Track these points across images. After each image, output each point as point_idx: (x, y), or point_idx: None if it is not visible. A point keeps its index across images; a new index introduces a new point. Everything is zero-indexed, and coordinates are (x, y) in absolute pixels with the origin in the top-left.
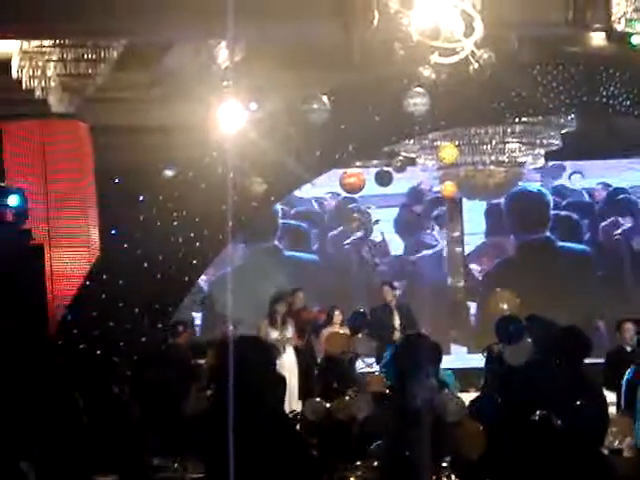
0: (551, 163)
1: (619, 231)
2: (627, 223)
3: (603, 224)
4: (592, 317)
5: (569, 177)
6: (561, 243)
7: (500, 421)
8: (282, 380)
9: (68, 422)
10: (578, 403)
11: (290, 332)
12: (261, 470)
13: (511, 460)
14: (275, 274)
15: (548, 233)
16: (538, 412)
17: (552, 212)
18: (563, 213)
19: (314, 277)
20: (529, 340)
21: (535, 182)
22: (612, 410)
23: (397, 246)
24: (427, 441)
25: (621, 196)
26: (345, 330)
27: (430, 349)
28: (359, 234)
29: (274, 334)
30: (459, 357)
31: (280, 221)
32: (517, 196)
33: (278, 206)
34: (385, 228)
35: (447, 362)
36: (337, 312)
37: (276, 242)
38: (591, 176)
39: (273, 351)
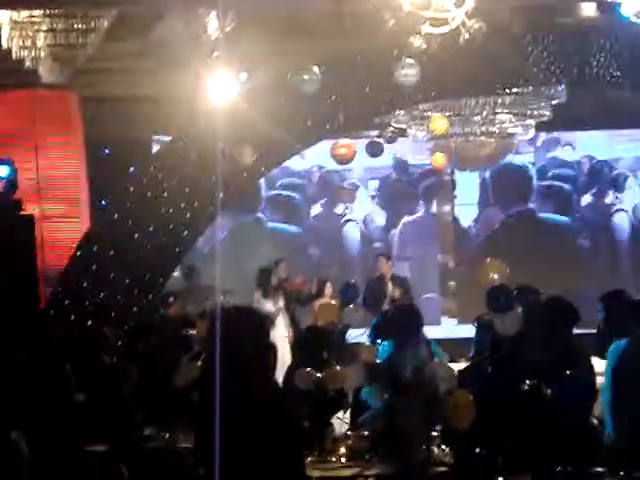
0: (543, 136)
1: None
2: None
3: (586, 195)
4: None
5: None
6: (543, 215)
7: (490, 390)
8: (273, 348)
9: (58, 392)
10: (568, 373)
11: (281, 303)
12: (252, 440)
13: (501, 429)
14: (260, 246)
15: (531, 205)
16: (528, 381)
17: (545, 183)
18: (556, 184)
19: (300, 249)
20: (519, 310)
21: (529, 154)
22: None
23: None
24: (417, 410)
25: (603, 168)
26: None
27: (409, 317)
28: (349, 206)
29: (268, 305)
30: (449, 328)
31: (266, 193)
32: (499, 170)
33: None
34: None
35: (437, 333)
36: (328, 284)
37: (260, 214)
38: (581, 148)
39: (267, 320)
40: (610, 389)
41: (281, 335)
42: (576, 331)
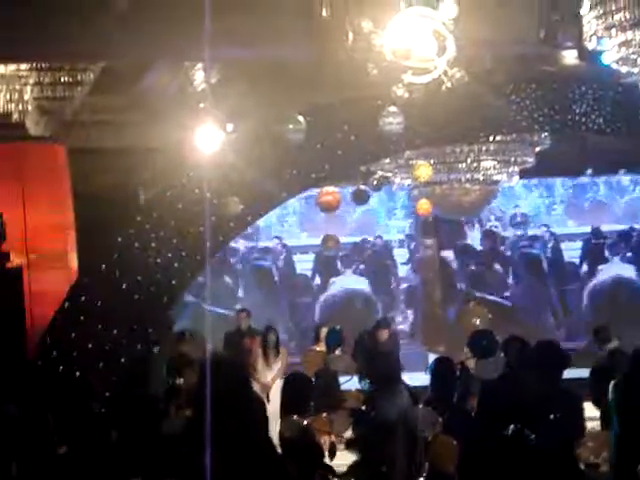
0: None
1: None
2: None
3: None
4: None
5: None
6: None
7: (473, 436)
8: (258, 400)
9: (41, 444)
10: (552, 417)
11: (279, 365)
12: None
13: (485, 474)
14: None
15: None
16: (512, 426)
17: None
18: None
19: None
20: (502, 355)
21: None
22: (595, 425)
23: None
24: (403, 456)
25: None
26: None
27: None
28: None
29: (260, 366)
30: None
31: None
32: None
33: None
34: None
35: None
36: (324, 329)
37: None
38: None
39: (244, 371)
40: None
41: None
42: None
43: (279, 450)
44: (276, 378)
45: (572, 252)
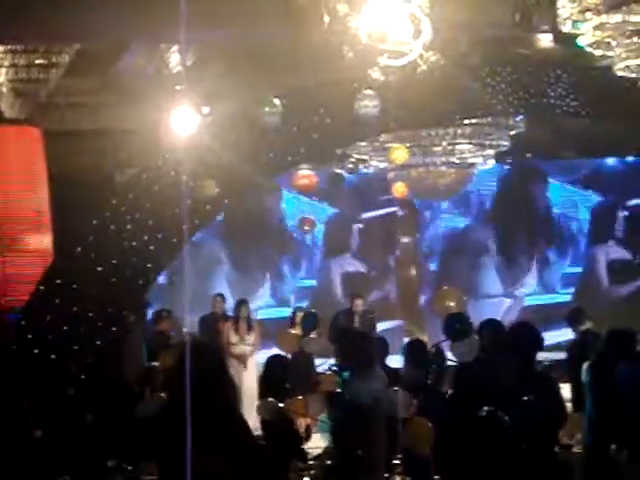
0: None
1: None
2: None
3: None
4: None
5: None
6: None
7: (448, 417)
8: (230, 381)
9: (17, 427)
10: (525, 399)
11: (252, 337)
12: (215, 471)
13: (459, 456)
14: None
15: None
16: (485, 408)
17: None
18: None
19: None
20: (476, 337)
21: None
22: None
23: None
24: (378, 439)
25: None
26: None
27: (373, 345)
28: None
29: (234, 338)
30: None
31: None
32: None
33: None
34: None
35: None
36: (299, 313)
37: None
38: None
39: (218, 354)
40: None
41: (250, 367)
42: None
43: (259, 433)
44: (251, 352)
45: None
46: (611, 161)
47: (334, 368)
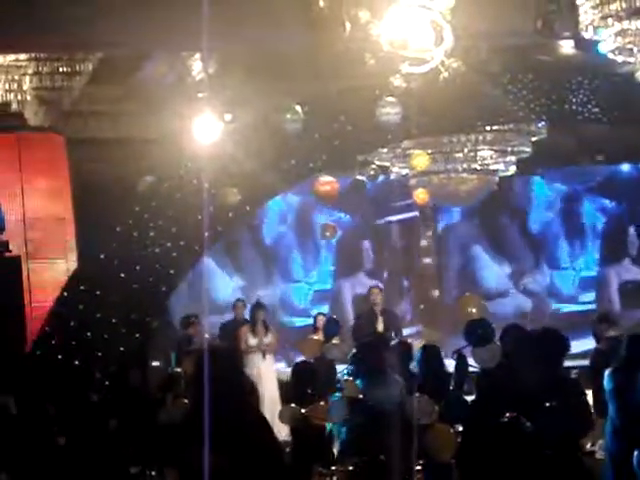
0: None
1: None
2: None
3: None
4: None
5: None
6: None
7: (470, 423)
8: (252, 386)
9: (40, 434)
10: (548, 405)
11: (270, 339)
12: (237, 476)
13: (481, 462)
14: None
15: None
16: (507, 414)
17: None
18: None
19: None
20: (497, 343)
21: None
22: None
23: None
24: (400, 444)
25: None
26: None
27: (390, 350)
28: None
29: (252, 341)
30: None
31: None
32: None
33: None
34: None
35: None
36: (320, 317)
37: None
38: None
39: (238, 359)
40: None
41: (266, 371)
42: None
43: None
44: (269, 351)
45: None
46: (626, 167)
47: (347, 374)
